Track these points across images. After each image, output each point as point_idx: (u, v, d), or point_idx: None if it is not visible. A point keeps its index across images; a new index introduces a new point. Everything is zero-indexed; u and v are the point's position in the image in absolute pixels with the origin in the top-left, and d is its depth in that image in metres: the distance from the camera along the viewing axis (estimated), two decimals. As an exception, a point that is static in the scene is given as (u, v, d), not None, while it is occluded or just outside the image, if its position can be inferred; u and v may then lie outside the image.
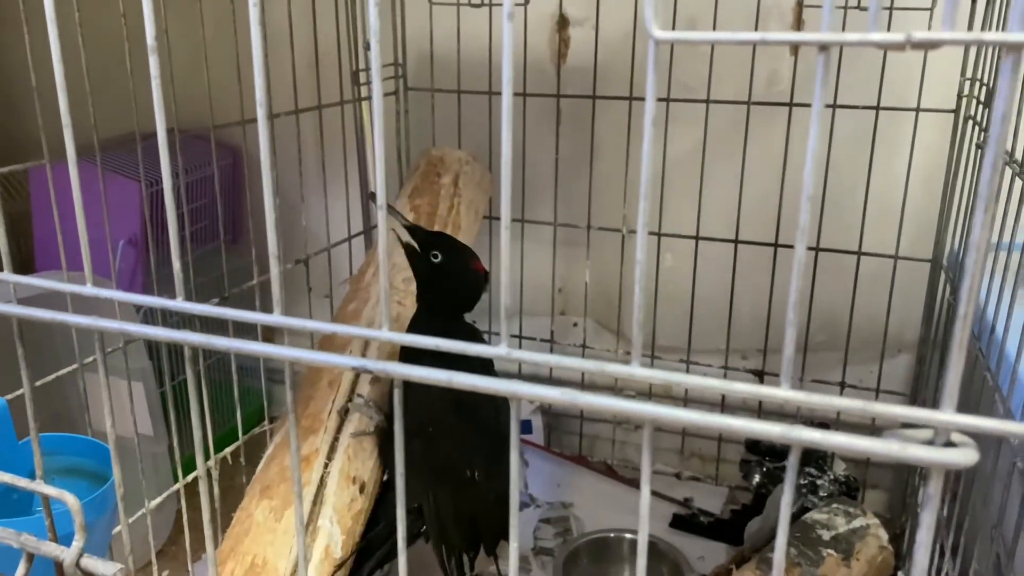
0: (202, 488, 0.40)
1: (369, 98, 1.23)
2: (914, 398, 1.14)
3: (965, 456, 0.27)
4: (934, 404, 0.98)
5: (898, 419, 0.28)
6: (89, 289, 0.39)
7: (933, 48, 0.24)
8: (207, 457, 0.95)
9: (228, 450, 0.99)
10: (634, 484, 1.26)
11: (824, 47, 0.26)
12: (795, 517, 1.07)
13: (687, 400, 1.29)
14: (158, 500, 0.88)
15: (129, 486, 0.92)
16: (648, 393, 1.31)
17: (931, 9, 0.99)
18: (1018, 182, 0.70)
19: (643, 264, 0.29)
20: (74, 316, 0.39)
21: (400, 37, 1.26)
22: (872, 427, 1.19)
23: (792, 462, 0.30)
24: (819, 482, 1.11)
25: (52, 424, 1.10)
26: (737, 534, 1.13)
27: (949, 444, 0.28)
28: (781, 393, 0.29)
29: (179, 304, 0.37)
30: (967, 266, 0.26)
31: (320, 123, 1.09)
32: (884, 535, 1.04)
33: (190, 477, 0.93)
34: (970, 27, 0.96)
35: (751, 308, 1.21)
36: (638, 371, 0.31)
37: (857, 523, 1.03)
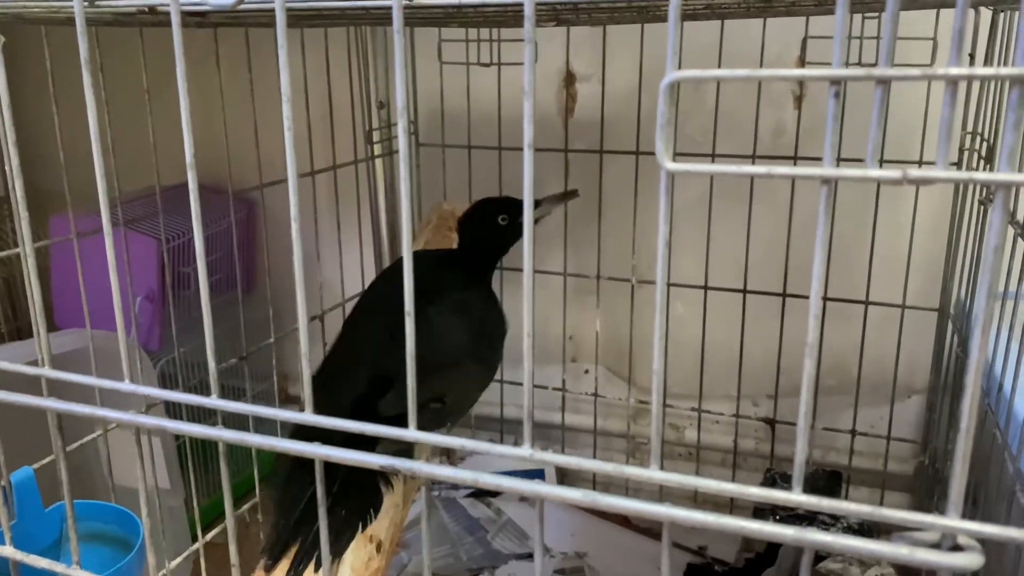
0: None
1: (383, 155, 1.25)
2: (924, 445, 1.15)
3: (971, 560, 0.29)
4: (945, 455, 0.98)
5: (905, 523, 0.29)
6: (128, 386, 0.41)
7: (927, 184, 0.26)
8: (219, 510, 0.96)
9: (246, 507, 1.00)
10: (649, 533, 1.27)
11: (826, 181, 0.28)
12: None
13: (699, 446, 1.30)
14: (178, 560, 0.89)
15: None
16: (662, 432, 1.31)
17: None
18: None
19: (660, 392, 0.30)
20: (110, 411, 0.40)
21: (411, 95, 1.29)
22: (884, 473, 1.19)
23: (806, 562, 0.31)
24: (831, 530, 1.12)
25: (71, 480, 1.11)
26: (755, 585, 1.13)
27: (956, 548, 0.29)
28: (795, 498, 0.31)
29: (213, 402, 0.39)
30: (966, 386, 0.28)
31: (335, 182, 1.11)
32: (899, 583, 1.04)
33: (209, 536, 0.94)
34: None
35: (761, 355, 1.22)
36: (656, 475, 0.32)
37: (872, 572, 1.03)
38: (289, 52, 0.37)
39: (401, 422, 0.35)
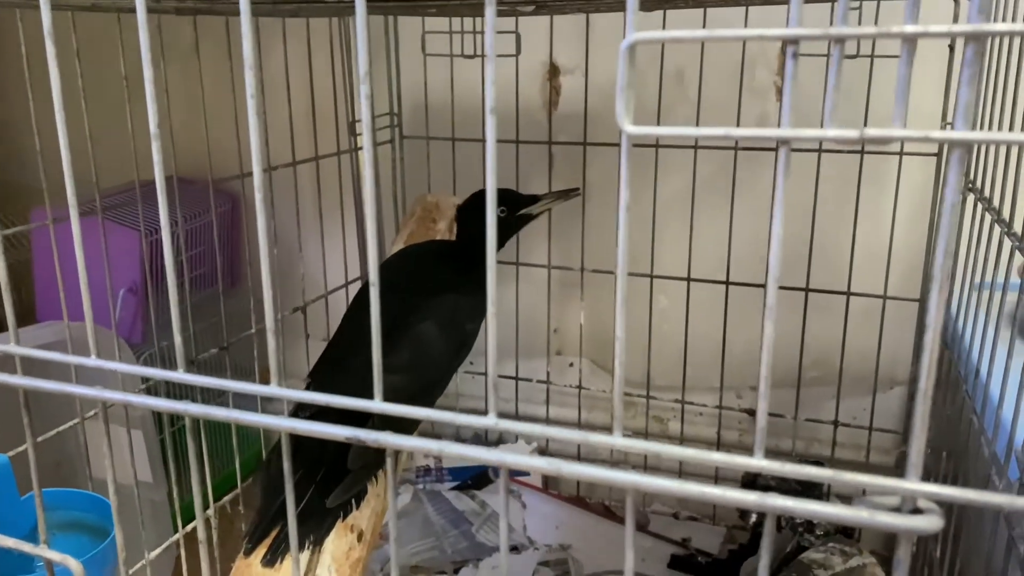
0: (203, 554, 0.41)
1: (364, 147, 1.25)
2: (906, 435, 1.15)
3: (930, 523, 0.29)
4: (928, 443, 0.98)
5: (865, 487, 0.29)
6: (94, 361, 0.40)
7: (885, 144, 0.26)
8: (207, 512, 0.96)
9: (227, 499, 1.00)
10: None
11: (784, 142, 0.28)
12: (792, 556, 1.07)
13: (682, 438, 1.30)
14: (157, 551, 0.89)
15: (129, 536, 0.93)
16: (644, 433, 1.32)
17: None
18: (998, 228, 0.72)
19: (622, 356, 0.30)
20: (78, 387, 0.40)
21: (395, 88, 1.29)
22: (867, 464, 1.20)
23: (768, 528, 0.31)
24: (816, 520, 1.12)
25: (52, 472, 1.11)
26: (735, 574, 1.13)
27: (916, 511, 0.29)
28: (755, 463, 0.31)
29: (180, 376, 0.39)
30: (925, 345, 0.28)
31: (317, 173, 1.11)
32: (881, 574, 1.04)
33: (189, 527, 0.94)
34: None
35: (744, 347, 1.22)
36: (619, 441, 0.32)
37: (854, 562, 1.03)
38: (271, 43, 0.36)
39: (393, 419, 0.35)
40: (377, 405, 0.36)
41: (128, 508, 0.89)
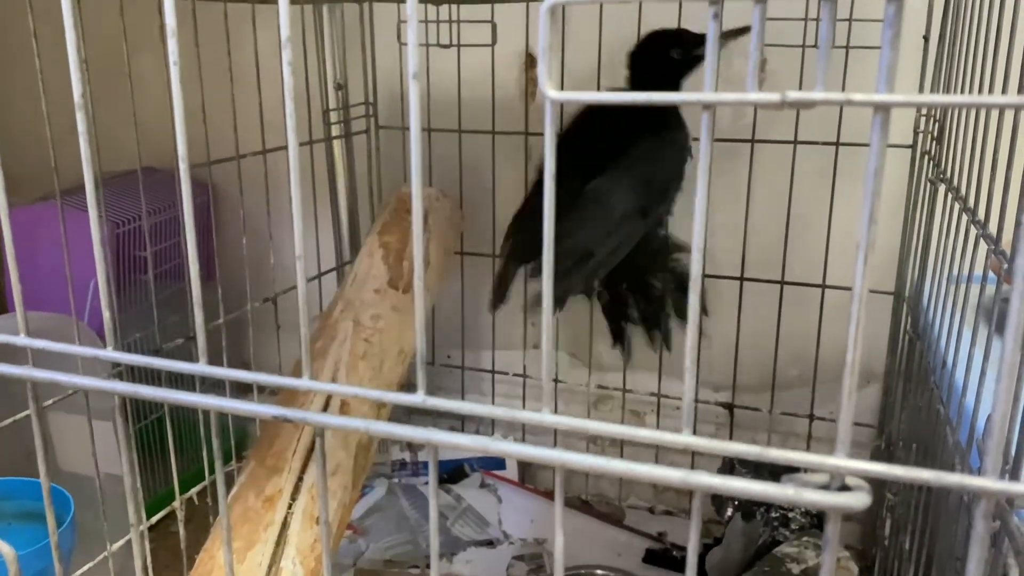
0: (135, 549, 0.40)
1: (341, 136, 1.24)
2: (881, 429, 1.15)
3: (858, 499, 0.28)
4: (899, 436, 0.97)
5: (793, 463, 0.29)
6: (23, 339, 0.39)
7: (806, 108, 0.25)
8: (173, 500, 0.95)
9: (194, 491, 0.99)
10: (609, 519, 1.26)
11: (707, 106, 0.27)
12: (766, 550, 1.07)
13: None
14: (119, 543, 0.88)
15: (92, 528, 0.92)
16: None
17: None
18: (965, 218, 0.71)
19: (550, 330, 0.29)
20: (3, 366, 0.39)
21: (371, 77, 1.28)
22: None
23: (696, 506, 0.30)
24: (790, 515, 1.11)
25: (24, 463, 1.10)
26: (710, 569, 1.13)
27: (844, 488, 0.29)
28: (683, 439, 0.30)
29: (108, 354, 0.38)
30: (852, 315, 0.27)
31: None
32: (855, 568, 1.04)
33: (153, 520, 0.93)
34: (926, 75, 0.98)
35: (721, 342, 1.21)
36: (547, 418, 0.31)
37: (827, 555, 1.03)
38: (242, 30, 0.35)
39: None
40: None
41: (93, 501, 0.88)
